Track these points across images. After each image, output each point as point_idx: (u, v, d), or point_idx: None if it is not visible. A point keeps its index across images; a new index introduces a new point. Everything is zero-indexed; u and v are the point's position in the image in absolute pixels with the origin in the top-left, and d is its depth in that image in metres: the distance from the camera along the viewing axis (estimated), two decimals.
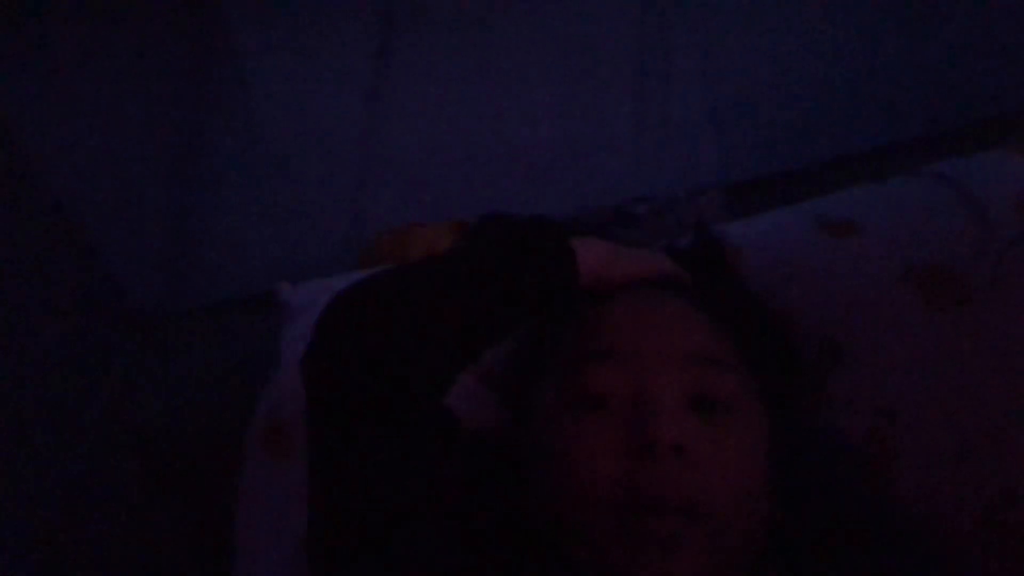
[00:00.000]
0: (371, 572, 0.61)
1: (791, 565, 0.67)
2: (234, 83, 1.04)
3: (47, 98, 1.10)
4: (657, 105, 1.08)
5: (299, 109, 1.09)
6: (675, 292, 0.74)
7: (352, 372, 0.60)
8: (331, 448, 0.63)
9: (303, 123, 1.10)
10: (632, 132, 1.11)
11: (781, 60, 1.12)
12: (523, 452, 0.71)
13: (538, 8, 1.01)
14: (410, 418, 0.62)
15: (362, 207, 1.19)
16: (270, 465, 0.86)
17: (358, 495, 0.62)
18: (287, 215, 1.24)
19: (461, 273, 0.66)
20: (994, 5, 1.10)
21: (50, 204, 1.24)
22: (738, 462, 0.64)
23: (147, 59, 1.04)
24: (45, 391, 1.20)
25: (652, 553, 0.58)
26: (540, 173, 1.13)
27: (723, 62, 1.10)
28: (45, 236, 1.27)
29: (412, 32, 1.00)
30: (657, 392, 0.63)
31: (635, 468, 0.60)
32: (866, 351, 0.80)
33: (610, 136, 1.12)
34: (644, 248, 0.81)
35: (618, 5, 1.02)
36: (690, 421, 0.63)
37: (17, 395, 1.14)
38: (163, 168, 1.20)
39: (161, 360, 1.38)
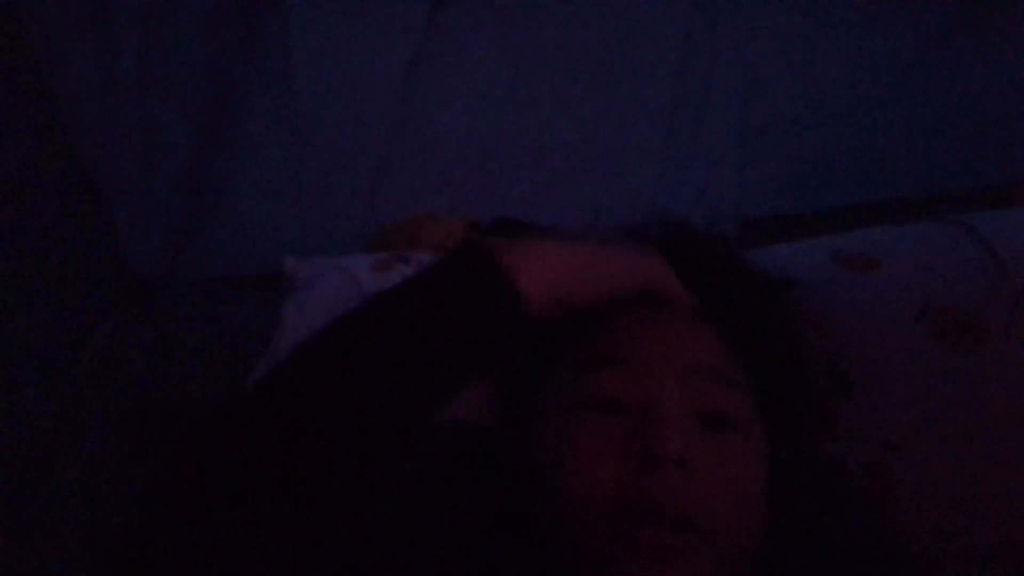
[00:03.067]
0: None
1: None
2: (277, 50, 1.04)
3: (85, 52, 1.11)
4: (689, 126, 1.08)
5: (337, 83, 1.09)
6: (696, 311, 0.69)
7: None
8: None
9: (338, 98, 1.10)
10: (660, 150, 1.11)
11: (819, 101, 1.13)
12: (519, 451, 0.70)
13: (588, 11, 1.01)
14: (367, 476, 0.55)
15: (379, 193, 1.18)
16: None
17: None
18: (303, 197, 1.23)
19: (390, 331, 0.55)
20: None
21: (75, 163, 1.25)
22: (738, 480, 0.63)
23: (197, 21, 1.04)
24: (33, 340, 1.19)
25: (643, 563, 0.57)
26: (562, 178, 1.13)
27: (761, 94, 1.10)
28: (65, 194, 1.27)
29: (459, 15, 1.01)
30: (665, 403, 0.62)
31: (635, 476, 0.59)
32: (876, 385, 0.80)
33: (638, 149, 1.12)
34: (635, 246, 0.68)
35: (667, 22, 1.03)
36: (695, 435, 0.62)
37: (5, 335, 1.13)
38: (190, 136, 1.21)
39: (153, 327, 1.37)
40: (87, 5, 1.07)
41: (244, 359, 1.00)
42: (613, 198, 1.11)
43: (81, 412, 1.25)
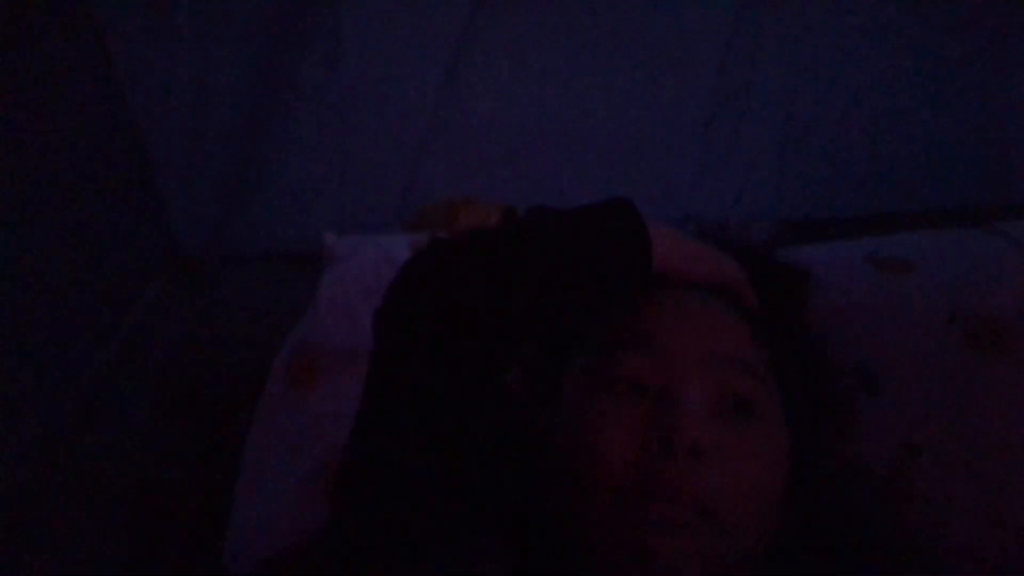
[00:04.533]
0: (391, 513, 0.63)
1: None
2: (328, 32, 1.07)
3: (141, 23, 1.14)
4: (729, 125, 1.08)
5: (382, 67, 1.11)
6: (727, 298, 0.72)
7: (422, 334, 0.62)
8: (386, 398, 0.65)
9: (383, 82, 1.12)
10: (699, 147, 1.12)
11: (860, 105, 1.12)
12: (543, 427, 0.71)
13: (631, 3, 1.02)
14: (469, 386, 0.64)
15: (418, 178, 1.20)
16: (290, 392, 0.88)
17: (400, 447, 0.63)
18: (345, 177, 1.25)
19: (543, 244, 0.65)
20: None
21: (128, 135, 1.29)
22: (755, 470, 0.63)
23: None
24: (76, 304, 1.23)
25: (652, 533, 0.58)
26: (599, 171, 1.14)
27: (803, 96, 1.10)
28: (115, 161, 1.31)
29: (502, 4, 1.02)
30: (685, 389, 0.62)
31: (652, 459, 0.59)
32: (901, 386, 0.80)
33: (676, 146, 1.12)
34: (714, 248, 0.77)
35: (710, 20, 1.03)
36: (713, 423, 0.62)
37: (47, 302, 1.16)
38: (238, 113, 1.23)
39: (193, 300, 1.40)
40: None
41: (283, 333, 1.04)
42: (649, 193, 1.11)
43: (120, 378, 1.28)
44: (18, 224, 1.09)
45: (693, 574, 0.58)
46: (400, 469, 0.64)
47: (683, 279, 0.70)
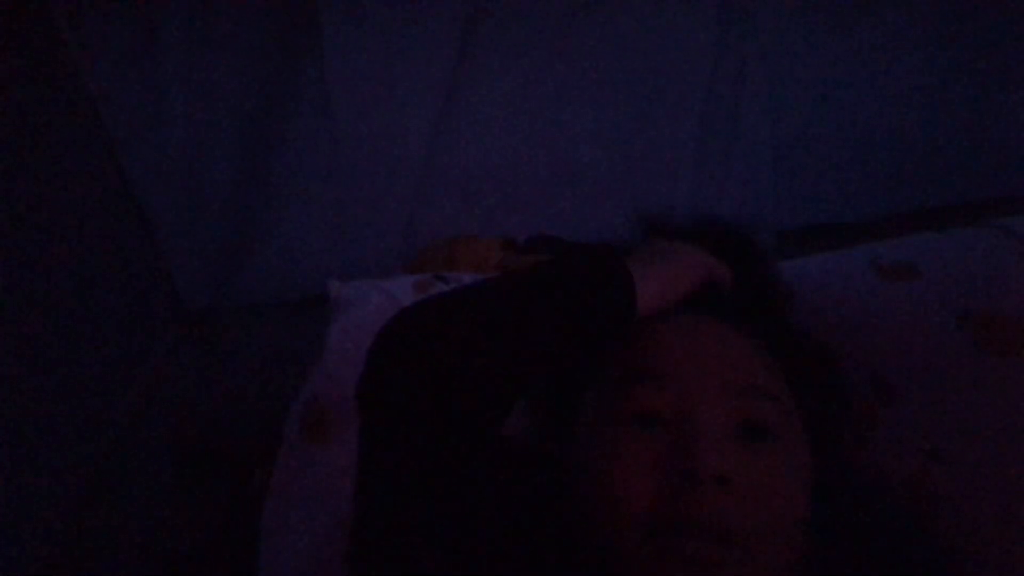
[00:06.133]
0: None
1: None
2: (316, 84, 1.08)
3: (134, 86, 1.15)
4: (721, 139, 1.08)
5: (372, 112, 1.12)
6: (734, 322, 0.71)
7: (406, 401, 0.61)
8: (381, 465, 0.64)
9: (375, 126, 1.13)
10: (693, 165, 1.12)
11: (851, 111, 1.12)
12: (561, 464, 0.70)
13: (617, 31, 1.02)
14: (461, 446, 0.62)
15: (416, 219, 1.21)
16: (306, 448, 0.88)
17: (404, 512, 0.62)
18: (343, 223, 1.26)
19: (520, 303, 0.65)
20: None
21: (127, 196, 1.30)
22: (778, 494, 0.62)
23: (240, 55, 1.08)
24: (89, 368, 1.23)
25: (684, 571, 0.57)
26: (596, 197, 1.14)
27: (792, 106, 1.10)
28: (115, 224, 1.32)
29: (490, 39, 1.02)
30: (703, 419, 0.62)
31: (674, 492, 0.59)
32: (917, 393, 0.79)
33: (670, 168, 1.12)
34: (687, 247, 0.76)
35: (697, 42, 1.03)
36: (734, 451, 0.61)
37: (61, 368, 1.16)
38: (234, 168, 1.24)
39: (203, 353, 1.41)
40: (135, 41, 1.11)
41: (293, 380, 1.03)
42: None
43: (136, 436, 1.28)
44: (25, 295, 1.10)
45: None
46: (405, 533, 0.63)
47: (671, 306, 0.70)
